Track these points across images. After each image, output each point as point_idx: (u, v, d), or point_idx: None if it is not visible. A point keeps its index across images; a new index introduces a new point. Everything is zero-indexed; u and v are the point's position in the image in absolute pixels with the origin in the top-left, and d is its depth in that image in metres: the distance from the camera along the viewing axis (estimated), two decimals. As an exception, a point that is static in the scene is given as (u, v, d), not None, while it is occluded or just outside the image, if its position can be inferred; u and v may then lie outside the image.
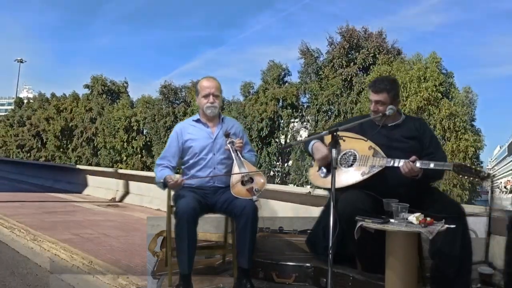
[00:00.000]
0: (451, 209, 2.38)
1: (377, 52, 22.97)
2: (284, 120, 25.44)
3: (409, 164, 2.35)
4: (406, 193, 2.36)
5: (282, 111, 25.28)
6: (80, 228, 5.43)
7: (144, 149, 31.08)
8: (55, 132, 36.10)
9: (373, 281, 2.38)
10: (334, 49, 24.16)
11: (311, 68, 24.99)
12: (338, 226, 2.10)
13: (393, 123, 2.62)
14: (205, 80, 2.87)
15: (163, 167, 2.79)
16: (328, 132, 2.36)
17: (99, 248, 4.20)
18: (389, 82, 2.65)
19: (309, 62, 25.03)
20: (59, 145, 36.10)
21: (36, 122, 38.21)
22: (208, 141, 2.79)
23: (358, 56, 23.33)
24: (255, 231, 2.60)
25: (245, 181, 2.65)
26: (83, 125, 34.62)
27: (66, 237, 4.67)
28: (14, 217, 5.93)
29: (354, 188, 2.47)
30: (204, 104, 2.79)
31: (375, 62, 22.63)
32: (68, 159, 34.72)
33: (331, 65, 24.04)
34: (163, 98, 30.77)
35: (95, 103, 34.92)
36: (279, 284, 2.75)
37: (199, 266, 2.86)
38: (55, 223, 5.66)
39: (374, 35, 23.69)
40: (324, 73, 24.21)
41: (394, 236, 2.11)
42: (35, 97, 44.74)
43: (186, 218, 2.49)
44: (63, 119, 36.41)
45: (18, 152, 38.74)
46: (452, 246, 2.33)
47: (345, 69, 23.43)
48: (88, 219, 6.25)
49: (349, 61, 23.63)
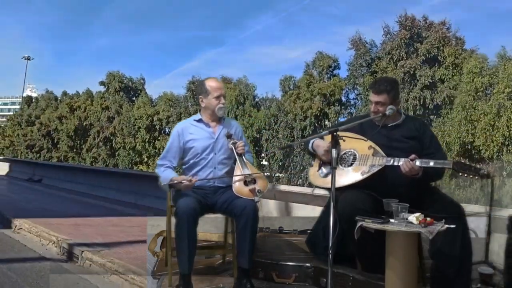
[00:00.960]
0: (451, 209, 2.38)
1: (441, 44, 20.57)
2: (331, 118, 22.45)
3: (409, 162, 2.35)
4: (406, 193, 2.36)
5: (329, 108, 22.64)
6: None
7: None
8: (68, 132, 33.94)
9: (373, 281, 2.38)
10: (392, 40, 21.65)
11: (363, 59, 22.22)
12: (338, 226, 2.10)
13: (393, 123, 2.62)
14: (213, 81, 2.87)
15: (165, 168, 2.79)
16: (328, 132, 2.37)
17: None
18: (390, 82, 2.65)
19: (362, 53, 22.25)
20: (72, 145, 34.18)
21: (46, 121, 36.32)
22: (210, 141, 2.80)
23: (421, 47, 20.76)
24: (255, 231, 2.60)
25: (248, 181, 2.66)
26: (100, 124, 32.75)
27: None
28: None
29: (354, 188, 2.47)
30: (216, 105, 2.79)
31: (439, 54, 20.42)
32: (82, 160, 33.18)
33: (389, 57, 21.35)
34: (190, 95, 27.93)
35: (112, 101, 32.96)
36: (279, 284, 2.75)
37: (199, 266, 2.86)
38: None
39: (436, 24, 21.38)
40: (379, 66, 21.50)
41: (394, 236, 2.11)
42: (42, 96, 42.86)
43: (186, 218, 2.49)
44: (77, 118, 34.14)
45: (27, 152, 36.80)
46: (452, 246, 2.33)
47: (407, 61, 20.78)
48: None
49: (410, 53, 21.10)
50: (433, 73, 20.46)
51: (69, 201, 8.95)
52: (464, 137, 17.80)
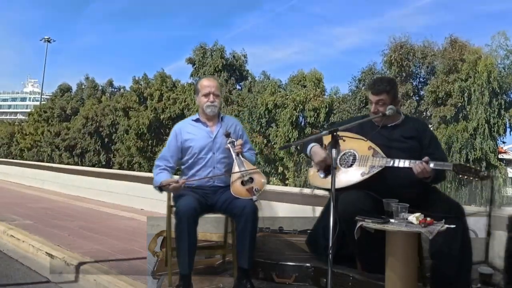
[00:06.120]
0: (451, 209, 2.38)
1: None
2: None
3: (422, 164, 2.32)
4: (406, 193, 2.36)
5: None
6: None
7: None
8: (139, 129, 24.61)
9: (373, 281, 2.38)
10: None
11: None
12: (338, 226, 2.10)
13: (392, 124, 2.62)
14: (205, 79, 2.91)
15: (160, 170, 2.79)
16: (328, 132, 2.36)
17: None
18: (388, 82, 2.64)
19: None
20: (142, 147, 24.77)
21: (93, 115, 27.31)
22: (208, 141, 2.79)
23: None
24: (255, 231, 2.60)
25: (245, 181, 2.65)
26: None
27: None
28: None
29: (354, 188, 2.47)
30: (204, 103, 2.80)
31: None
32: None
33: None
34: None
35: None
36: (279, 284, 2.75)
37: (199, 266, 2.86)
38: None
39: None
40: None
41: (394, 236, 2.11)
42: (81, 84, 33.44)
43: (186, 218, 2.49)
44: (152, 110, 24.67)
45: (60, 155, 28.16)
46: (452, 246, 2.33)
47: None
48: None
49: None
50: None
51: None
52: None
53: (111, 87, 32.44)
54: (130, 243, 4.49)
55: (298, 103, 21.12)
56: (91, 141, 27.59)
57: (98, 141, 27.62)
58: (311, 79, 22.41)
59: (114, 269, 3.36)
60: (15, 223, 5.40)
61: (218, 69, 24.29)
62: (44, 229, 5.08)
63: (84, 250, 3.99)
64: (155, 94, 25.22)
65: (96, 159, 27.26)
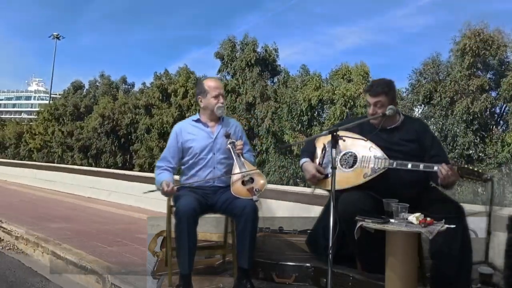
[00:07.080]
0: (451, 209, 2.37)
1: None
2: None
3: (447, 166, 2.28)
4: (406, 193, 2.36)
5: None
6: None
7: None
8: (162, 128, 22.59)
9: (373, 281, 2.38)
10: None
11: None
12: (338, 226, 2.10)
13: (391, 126, 2.62)
14: (212, 80, 2.89)
15: (161, 170, 2.79)
16: (328, 132, 2.36)
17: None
18: (386, 84, 2.63)
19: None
20: (164, 147, 17.18)
21: (109, 113, 24.96)
22: (208, 141, 2.80)
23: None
24: (255, 231, 2.60)
25: (245, 181, 2.66)
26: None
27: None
28: None
29: (354, 188, 2.46)
30: (214, 104, 2.80)
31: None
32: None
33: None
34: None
35: (240, 77, 21.90)
36: (279, 284, 2.75)
37: (199, 266, 2.86)
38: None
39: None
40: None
41: (394, 236, 2.11)
42: (94, 81, 31.71)
43: (186, 218, 2.49)
44: (177, 108, 22.78)
45: (72, 156, 26.22)
46: (452, 246, 2.33)
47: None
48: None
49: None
50: None
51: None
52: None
53: (124, 84, 30.66)
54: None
55: (348, 99, 18.93)
56: (107, 141, 25.24)
57: (115, 141, 25.25)
58: (358, 72, 20.04)
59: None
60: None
61: (251, 63, 21.94)
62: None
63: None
64: (180, 91, 23.24)
65: (112, 161, 25.13)
